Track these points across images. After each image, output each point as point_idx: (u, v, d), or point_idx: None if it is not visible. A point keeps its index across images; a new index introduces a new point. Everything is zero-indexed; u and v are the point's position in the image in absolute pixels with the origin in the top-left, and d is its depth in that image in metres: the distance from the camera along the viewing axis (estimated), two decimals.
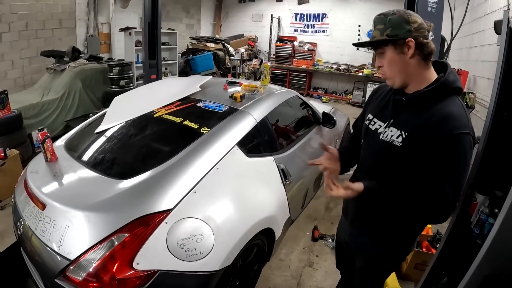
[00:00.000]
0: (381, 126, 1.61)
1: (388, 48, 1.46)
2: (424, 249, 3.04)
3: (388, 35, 1.42)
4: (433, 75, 1.49)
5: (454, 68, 5.23)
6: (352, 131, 2.10)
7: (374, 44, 1.52)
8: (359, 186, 1.45)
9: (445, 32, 4.49)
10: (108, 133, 2.75)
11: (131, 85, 6.81)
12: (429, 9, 3.68)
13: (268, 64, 3.94)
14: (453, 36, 4.47)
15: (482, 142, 2.02)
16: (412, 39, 1.39)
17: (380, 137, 1.58)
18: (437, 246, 2.69)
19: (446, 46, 4.49)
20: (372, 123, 1.68)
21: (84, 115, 5.89)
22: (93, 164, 2.38)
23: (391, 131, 1.53)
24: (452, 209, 1.41)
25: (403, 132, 1.48)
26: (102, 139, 2.70)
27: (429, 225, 3.36)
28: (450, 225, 2.19)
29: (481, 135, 2.06)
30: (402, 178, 1.49)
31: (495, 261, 1.52)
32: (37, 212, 2.03)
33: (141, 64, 7.39)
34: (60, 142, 2.83)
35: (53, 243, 1.86)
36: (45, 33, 7.63)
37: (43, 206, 2.01)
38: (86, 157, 2.52)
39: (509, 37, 1.87)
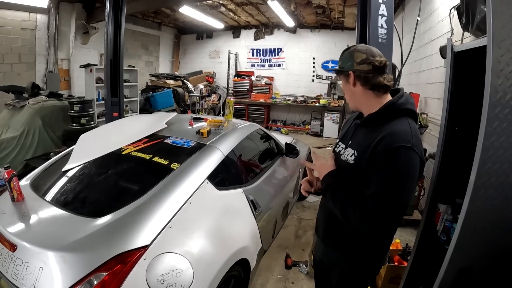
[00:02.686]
0: (343, 148, 1.80)
1: (340, 77, 1.76)
2: (396, 263, 3.17)
3: (339, 67, 1.73)
4: (387, 101, 1.68)
5: (405, 92, 5.49)
6: None
7: (336, 73, 1.81)
8: (332, 164, 1.77)
9: (397, 60, 4.83)
10: (76, 172, 2.74)
11: (92, 123, 6.72)
12: (380, 40, 3.86)
13: (232, 99, 4.08)
14: (403, 62, 4.79)
15: (438, 155, 2.20)
16: (351, 72, 1.65)
17: (341, 157, 1.77)
18: (408, 258, 2.80)
19: (397, 73, 4.81)
20: (337, 146, 1.88)
21: (44, 154, 5.76)
22: (63, 203, 2.34)
23: (348, 151, 1.73)
24: (366, 222, 1.50)
25: (355, 151, 1.67)
26: (70, 178, 2.68)
27: (397, 240, 3.52)
28: (418, 236, 2.32)
29: (436, 149, 2.24)
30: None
31: (465, 256, 1.64)
32: (7, 254, 1.97)
33: (102, 102, 7.33)
34: (25, 181, 2.76)
35: (26, 286, 1.81)
36: (3, 67, 7.56)
37: (13, 247, 1.95)
38: (55, 196, 2.48)
39: (453, 61, 2.09)
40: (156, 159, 2.68)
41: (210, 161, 2.72)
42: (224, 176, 2.82)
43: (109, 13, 5.45)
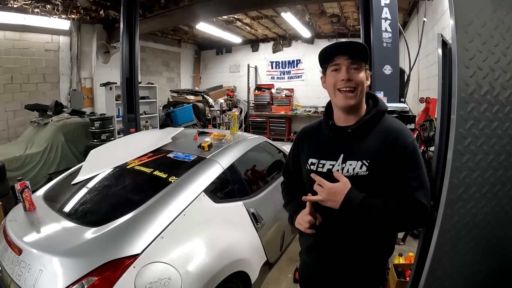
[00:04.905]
0: (333, 165, 1.59)
1: (362, 66, 1.57)
2: (407, 278, 2.91)
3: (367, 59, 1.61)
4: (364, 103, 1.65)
5: (422, 97, 5.40)
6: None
7: (360, 54, 1.57)
8: (347, 181, 1.49)
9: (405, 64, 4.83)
10: (84, 185, 2.91)
11: (112, 138, 6.90)
12: (385, 44, 3.85)
13: (236, 113, 4.18)
14: (411, 67, 4.77)
15: (436, 160, 1.84)
16: (370, 73, 1.63)
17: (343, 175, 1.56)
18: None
19: (406, 77, 4.78)
20: (321, 165, 1.64)
21: (66, 169, 5.89)
22: (68, 214, 2.52)
23: (350, 164, 1.54)
24: (418, 219, 1.48)
25: (364, 161, 1.52)
26: (77, 190, 2.85)
27: (411, 253, 3.33)
28: (418, 249, 1.89)
29: (435, 155, 1.89)
30: None
31: (444, 279, 1.47)
32: (14, 257, 2.15)
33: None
34: (40, 193, 2.97)
35: (27, 286, 1.97)
36: (29, 87, 7.97)
37: (19, 251, 2.13)
38: (62, 206, 2.66)
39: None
40: (156, 172, 2.80)
41: (208, 175, 2.79)
42: (223, 189, 2.90)
43: (123, 33, 5.70)
